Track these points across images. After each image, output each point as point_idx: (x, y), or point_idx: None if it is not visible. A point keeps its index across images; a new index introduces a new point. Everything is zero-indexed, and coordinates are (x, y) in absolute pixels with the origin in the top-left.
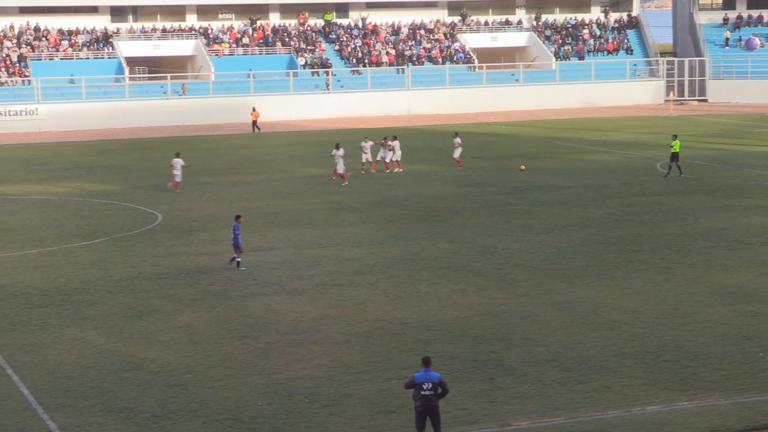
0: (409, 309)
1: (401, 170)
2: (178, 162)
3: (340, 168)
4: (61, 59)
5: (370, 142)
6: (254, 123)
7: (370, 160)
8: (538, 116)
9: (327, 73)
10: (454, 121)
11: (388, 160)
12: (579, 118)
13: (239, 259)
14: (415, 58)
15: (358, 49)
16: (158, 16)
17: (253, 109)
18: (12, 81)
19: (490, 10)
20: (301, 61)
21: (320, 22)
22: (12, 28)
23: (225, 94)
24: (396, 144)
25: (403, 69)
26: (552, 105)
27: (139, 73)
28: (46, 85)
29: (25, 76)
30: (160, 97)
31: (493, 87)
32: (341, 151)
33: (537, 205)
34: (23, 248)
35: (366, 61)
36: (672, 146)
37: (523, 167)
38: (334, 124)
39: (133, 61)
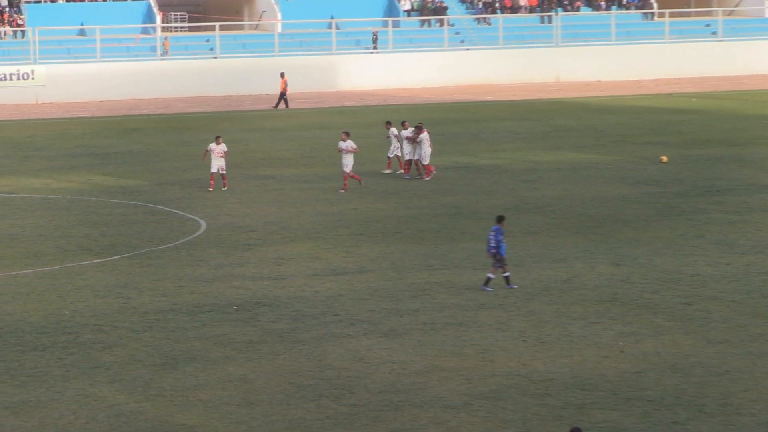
0: (555, 360)
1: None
2: (220, 148)
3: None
4: (67, 2)
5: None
6: (282, 95)
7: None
8: (744, 85)
9: (441, 22)
10: (621, 91)
11: (409, 156)
12: None
13: (508, 274)
14: (567, 2)
15: None
16: None
17: (282, 76)
18: None
19: None
20: (404, 5)
21: None
22: None
23: (296, 51)
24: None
25: (549, 17)
26: (765, 69)
27: (175, 22)
28: (46, 38)
29: (18, 26)
30: (205, 55)
31: (679, 43)
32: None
33: (741, 212)
34: (12, 267)
35: (497, 5)
36: None
37: (664, 158)
38: (450, 95)
39: (167, 5)
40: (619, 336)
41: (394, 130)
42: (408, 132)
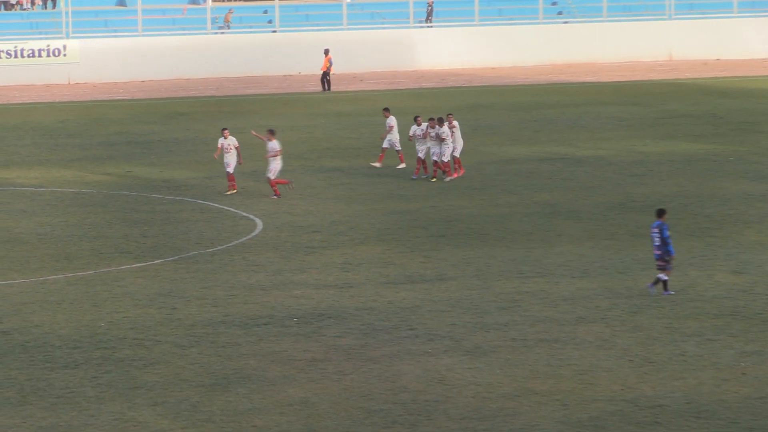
0: (666, 382)
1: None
2: (229, 143)
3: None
4: None
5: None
6: (325, 76)
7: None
8: None
9: None
10: (744, 72)
11: (447, 158)
12: None
13: (666, 278)
14: None
15: None
16: None
17: (326, 53)
18: (26, 2)
19: None
20: None
21: None
22: None
23: (368, 23)
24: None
25: None
26: None
27: None
28: (80, 8)
29: None
30: (263, 28)
31: None
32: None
33: None
34: (40, 272)
35: None
36: None
37: None
38: (545, 75)
39: None
40: (740, 356)
41: (393, 120)
42: (419, 130)
